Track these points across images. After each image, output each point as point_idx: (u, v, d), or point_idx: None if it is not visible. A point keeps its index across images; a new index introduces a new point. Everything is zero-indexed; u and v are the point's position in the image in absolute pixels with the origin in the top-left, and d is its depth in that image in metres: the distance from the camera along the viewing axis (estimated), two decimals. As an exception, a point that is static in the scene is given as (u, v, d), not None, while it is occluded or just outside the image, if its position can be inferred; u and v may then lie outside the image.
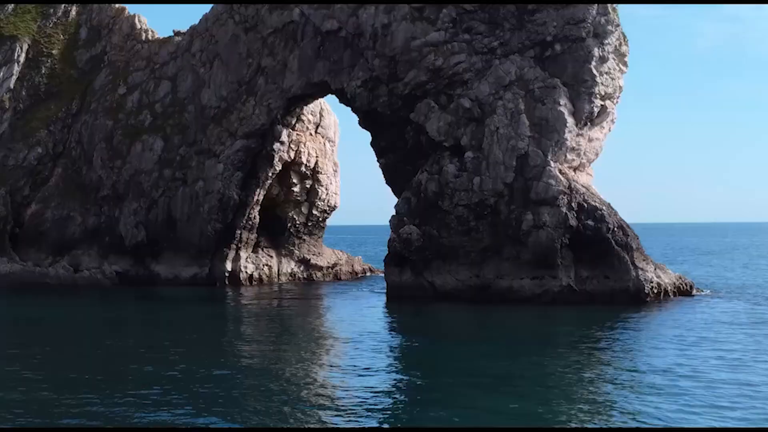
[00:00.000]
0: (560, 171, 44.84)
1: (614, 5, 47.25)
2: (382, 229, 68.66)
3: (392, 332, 35.96)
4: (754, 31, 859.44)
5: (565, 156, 45.54)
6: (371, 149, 51.72)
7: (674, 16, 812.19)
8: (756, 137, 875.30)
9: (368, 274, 68.03)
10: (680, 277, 47.99)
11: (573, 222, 43.72)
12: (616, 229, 44.09)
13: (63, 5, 69.41)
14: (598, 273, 43.85)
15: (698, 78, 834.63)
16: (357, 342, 31.68)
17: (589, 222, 43.88)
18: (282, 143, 57.59)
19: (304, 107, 58.65)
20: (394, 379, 24.66)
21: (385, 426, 14.10)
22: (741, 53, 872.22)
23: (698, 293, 48.23)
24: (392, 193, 50.33)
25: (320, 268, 63.99)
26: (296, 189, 61.35)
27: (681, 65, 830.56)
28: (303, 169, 60.69)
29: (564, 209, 43.72)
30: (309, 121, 60.68)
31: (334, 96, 54.00)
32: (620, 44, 47.48)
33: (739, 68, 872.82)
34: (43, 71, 67.13)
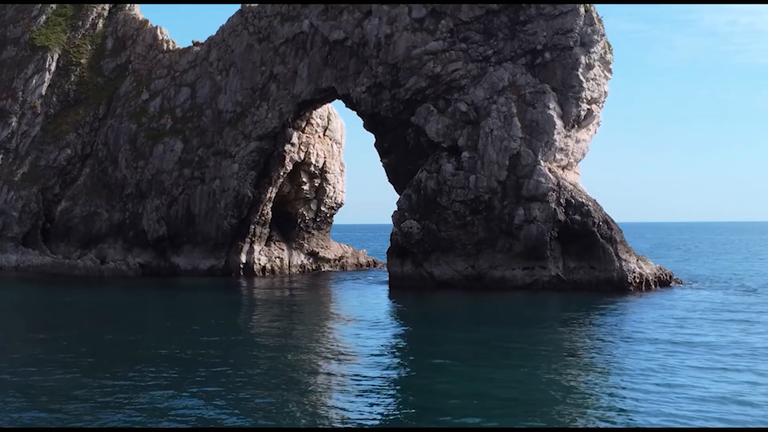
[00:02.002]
0: (549, 169, 44.84)
1: (600, 17, 47.19)
2: (383, 228, 68.63)
3: (393, 316, 35.88)
4: (727, 45, 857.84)
5: (554, 156, 45.53)
6: (375, 150, 51.72)
7: (654, 30, 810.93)
8: (727, 141, 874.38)
9: (372, 266, 67.94)
10: (660, 268, 47.81)
11: (561, 217, 43.74)
12: (601, 223, 44.07)
13: (91, 18, 69.70)
14: (585, 264, 43.92)
15: (677, 86, 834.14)
16: (361, 324, 31.68)
17: (576, 217, 43.88)
18: (293, 145, 57.54)
19: (313, 111, 58.63)
20: (395, 358, 24.67)
21: (384, 422, 13.95)
22: (715, 64, 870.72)
23: (677, 284, 48.14)
24: (394, 191, 50.39)
25: (328, 261, 64.03)
26: (306, 187, 61.32)
27: (661, 74, 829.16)
28: (312, 168, 60.66)
29: (553, 205, 43.77)
30: (318, 124, 60.70)
31: (340, 101, 54.05)
32: (605, 53, 47.40)
33: (713, 77, 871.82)
34: (72, 79, 67.48)
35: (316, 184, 62.02)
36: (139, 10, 70.26)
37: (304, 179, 60.91)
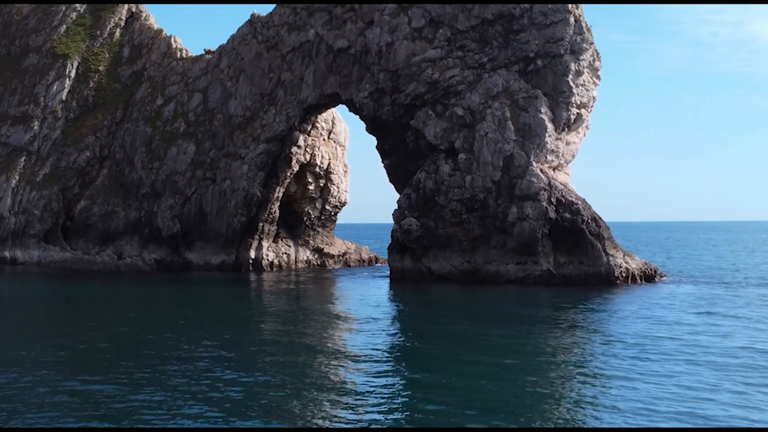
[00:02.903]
0: (541, 170, 44.85)
1: (589, 26, 47.23)
2: (384, 227, 68.16)
3: (393, 307, 36.00)
4: (710, 54, 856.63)
5: (546, 157, 45.54)
6: (377, 152, 51.84)
7: (642, 41, 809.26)
8: (710, 144, 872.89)
9: (374, 262, 67.89)
10: (646, 263, 47.79)
11: (552, 215, 43.78)
12: (589, 221, 44.12)
13: (108, 28, 69.64)
14: (574, 259, 43.94)
15: (665, 92, 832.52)
16: (363, 313, 31.82)
17: (566, 215, 43.90)
18: (299, 147, 57.57)
19: (318, 116, 58.57)
20: (395, 342, 24.93)
21: (385, 412, 14.10)
22: (699, 72, 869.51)
23: (661, 278, 48.18)
24: (395, 190, 50.49)
25: (332, 256, 64.04)
26: (311, 187, 61.32)
27: (649, 81, 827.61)
28: (317, 169, 60.63)
29: (544, 203, 43.80)
30: (322, 127, 60.66)
31: (344, 105, 54.01)
32: (594, 60, 47.42)
33: (698, 84, 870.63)
34: (91, 85, 67.46)
35: (321, 185, 62.01)
36: (154, 21, 70.28)
37: (310, 180, 60.91)
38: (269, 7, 61.46)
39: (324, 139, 61.10)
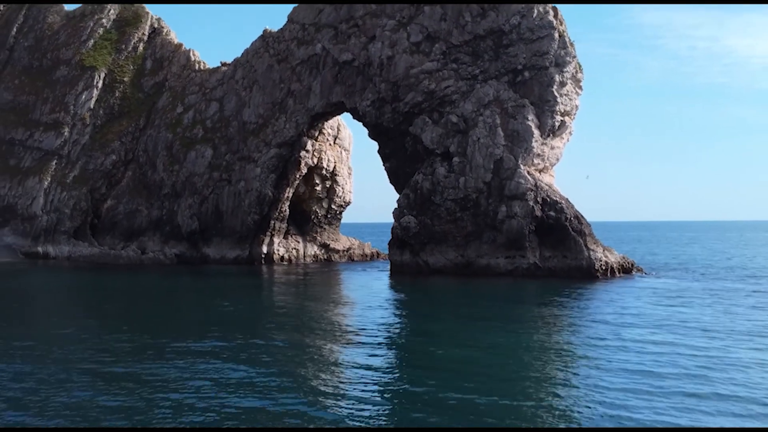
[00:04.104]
0: (528, 172, 45.05)
1: (572, 41, 47.47)
2: (385, 225, 67.85)
3: (394, 295, 36.52)
4: (688, 66, 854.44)
5: (532, 160, 45.71)
6: (378, 156, 51.96)
7: (625, 54, 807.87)
8: (691, 151, 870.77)
9: (376, 257, 67.91)
10: (624, 258, 48.08)
11: (538, 213, 44.02)
12: (572, 218, 44.38)
13: (132, 42, 69.95)
14: (558, 253, 44.14)
15: (644, 102, 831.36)
16: (365, 301, 32.23)
17: (551, 213, 44.13)
18: (307, 151, 57.83)
19: (325, 122, 58.78)
20: (394, 323, 25.50)
21: (383, 411, 14.48)
22: (678, 83, 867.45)
23: (638, 271, 48.38)
24: (395, 191, 50.62)
25: (337, 251, 64.18)
26: (318, 188, 61.50)
27: (632, 92, 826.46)
28: (324, 172, 60.82)
29: (531, 203, 44.03)
30: (329, 133, 60.82)
31: (348, 113, 54.12)
32: (576, 72, 47.55)
33: (677, 95, 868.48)
34: (117, 94, 67.85)
35: (328, 186, 62.15)
36: (175, 36, 70.54)
37: (317, 181, 61.10)
38: (281, 21, 61.63)
39: (330, 144, 61.29)
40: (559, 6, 47.74)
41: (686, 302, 31.72)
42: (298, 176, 58.36)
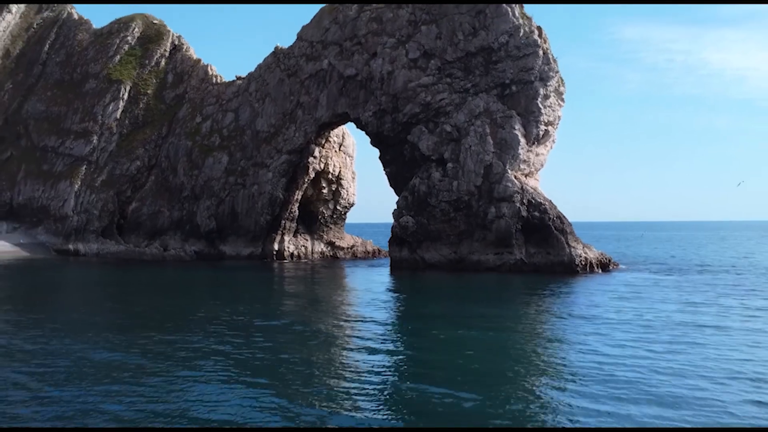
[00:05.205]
0: (515, 177, 45.43)
1: (555, 58, 48.07)
2: (385, 225, 67.55)
3: (393, 287, 36.89)
4: (666, 78, 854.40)
5: (519, 166, 46.07)
6: (379, 161, 52.28)
7: (606, 67, 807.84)
8: (667, 155, 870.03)
9: (377, 254, 67.74)
10: (602, 254, 48.42)
11: (524, 213, 44.46)
12: (555, 218, 44.84)
13: (155, 58, 70.35)
14: (542, 250, 44.53)
15: (626, 112, 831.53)
16: (368, 292, 32.70)
17: (536, 213, 44.58)
18: (315, 157, 58.25)
19: (331, 131, 59.15)
20: (394, 316, 26.28)
21: (383, 407, 14.22)
22: (656, 94, 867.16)
23: (614, 266, 48.98)
24: (395, 193, 50.94)
25: (342, 248, 64.34)
26: (325, 191, 61.82)
27: (613, 102, 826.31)
28: (330, 176, 61.19)
29: (518, 204, 44.47)
30: (334, 141, 61.17)
31: (352, 123, 54.42)
32: (559, 86, 47.96)
33: (655, 104, 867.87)
34: (141, 105, 68.35)
35: (333, 189, 62.45)
36: (194, 52, 70.89)
37: (324, 184, 61.46)
38: (291, 39, 61.74)
39: (335, 151, 61.63)
40: (545, 17, 48.56)
41: (643, 295, 32.54)
42: (306, 180, 58.75)
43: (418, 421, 12.38)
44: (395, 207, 48.63)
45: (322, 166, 59.85)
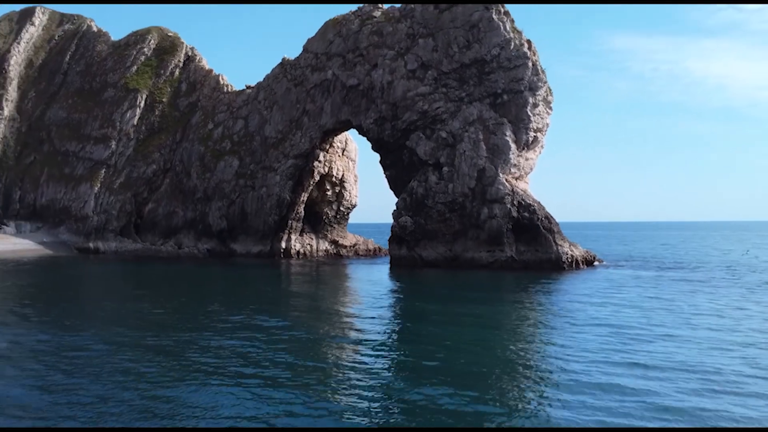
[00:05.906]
0: (506, 180, 45.83)
1: (544, 69, 48.38)
2: (385, 225, 66.86)
3: (393, 282, 37.16)
4: (652, 86, 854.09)
5: (510, 170, 46.44)
6: (380, 165, 52.49)
7: (593, 76, 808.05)
8: (653, 159, 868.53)
9: (378, 252, 67.52)
10: (587, 252, 49.03)
11: (515, 214, 44.89)
12: (543, 218, 45.28)
13: (170, 68, 70.89)
14: (531, 248, 44.91)
15: (614, 119, 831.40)
16: (369, 287, 33.18)
17: (525, 214, 45.02)
18: (319, 161, 58.58)
19: (335, 137, 59.39)
20: (394, 307, 26.89)
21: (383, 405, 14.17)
22: (643, 101, 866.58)
23: (599, 263, 49.66)
24: (394, 195, 51.03)
25: (345, 247, 64.43)
26: (329, 193, 62.01)
27: (602, 109, 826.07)
28: (334, 179, 61.41)
29: (509, 205, 44.92)
30: (338, 146, 61.34)
31: (355, 129, 54.71)
32: (547, 95, 48.33)
33: (642, 111, 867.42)
34: (156, 113, 68.80)
35: (337, 191, 62.66)
36: (206, 62, 71.30)
37: (328, 187, 61.71)
38: (298, 50, 61.54)
39: (339, 155, 61.81)
40: (538, 28, 49.60)
41: (625, 288, 33.38)
42: (311, 183, 59.04)
43: (418, 421, 11.56)
44: (395, 208, 48.94)
45: (327, 169, 60.15)
